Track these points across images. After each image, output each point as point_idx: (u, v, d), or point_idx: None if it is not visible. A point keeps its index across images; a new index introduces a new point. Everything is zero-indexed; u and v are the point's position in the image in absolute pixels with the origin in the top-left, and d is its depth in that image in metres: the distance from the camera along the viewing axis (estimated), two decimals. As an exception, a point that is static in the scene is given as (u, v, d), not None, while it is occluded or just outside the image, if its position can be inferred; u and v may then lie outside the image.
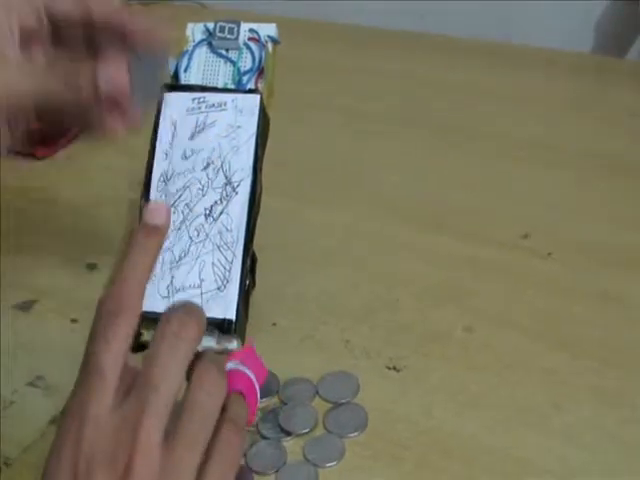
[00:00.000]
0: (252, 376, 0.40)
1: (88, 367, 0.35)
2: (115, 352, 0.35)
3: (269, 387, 0.50)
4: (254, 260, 0.56)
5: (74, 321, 0.59)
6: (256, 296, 0.56)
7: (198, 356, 0.37)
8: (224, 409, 0.36)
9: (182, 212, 0.55)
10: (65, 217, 0.70)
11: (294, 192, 0.71)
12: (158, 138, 0.56)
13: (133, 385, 0.34)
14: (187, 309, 0.37)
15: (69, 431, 0.34)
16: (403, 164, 0.74)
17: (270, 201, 0.56)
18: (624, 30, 0.96)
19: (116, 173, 0.75)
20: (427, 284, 0.60)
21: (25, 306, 0.61)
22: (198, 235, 0.54)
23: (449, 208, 0.68)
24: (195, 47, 0.58)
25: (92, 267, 0.64)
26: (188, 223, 0.55)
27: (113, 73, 0.47)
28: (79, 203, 0.72)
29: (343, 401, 0.49)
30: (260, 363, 0.41)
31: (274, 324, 0.57)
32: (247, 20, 0.59)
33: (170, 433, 0.34)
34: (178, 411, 0.35)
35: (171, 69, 0.57)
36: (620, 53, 0.96)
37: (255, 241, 0.54)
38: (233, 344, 0.53)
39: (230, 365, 0.40)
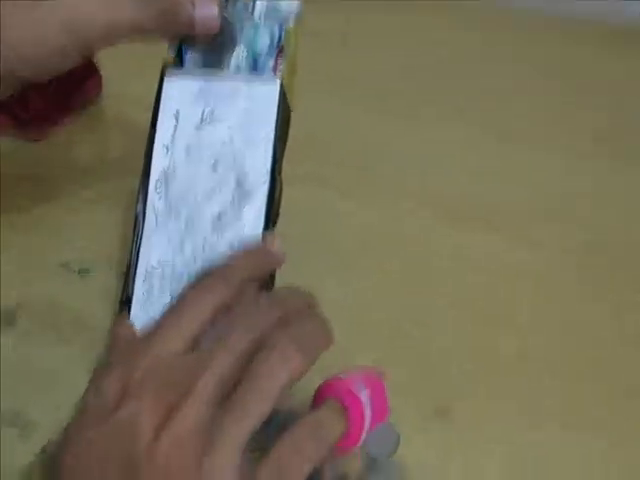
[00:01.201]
0: (367, 405, 0.35)
1: (175, 308, 0.36)
2: (204, 306, 0.36)
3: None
4: (272, 275, 0.47)
5: (62, 341, 0.51)
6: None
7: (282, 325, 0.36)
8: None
9: (185, 220, 0.46)
10: (57, 212, 0.62)
11: (318, 181, 0.62)
12: (157, 130, 0.48)
13: (203, 338, 0.35)
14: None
15: (126, 353, 0.34)
16: (448, 155, 0.65)
17: (290, 190, 0.47)
18: None
19: (116, 161, 0.67)
20: (478, 301, 0.51)
21: (9, 319, 0.53)
22: (203, 249, 0.46)
23: (499, 205, 0.59)
24: (203, 20, 0.49)
25: (85, 272, 0.56)
26: (192, 233, 0.46)
27: (208, 15, 0.47)
28: (73, 194, 0.64)
29: (381, 458, 0.41)
30: (386, 403, 0.37)
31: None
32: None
33: (225, 402, 0.32)
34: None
35: (173, 49, 0.48)
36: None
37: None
38: None
39: (353, 377, 0.37)
